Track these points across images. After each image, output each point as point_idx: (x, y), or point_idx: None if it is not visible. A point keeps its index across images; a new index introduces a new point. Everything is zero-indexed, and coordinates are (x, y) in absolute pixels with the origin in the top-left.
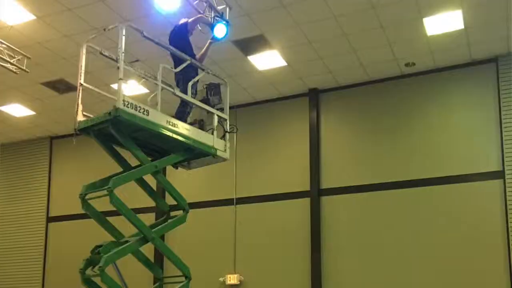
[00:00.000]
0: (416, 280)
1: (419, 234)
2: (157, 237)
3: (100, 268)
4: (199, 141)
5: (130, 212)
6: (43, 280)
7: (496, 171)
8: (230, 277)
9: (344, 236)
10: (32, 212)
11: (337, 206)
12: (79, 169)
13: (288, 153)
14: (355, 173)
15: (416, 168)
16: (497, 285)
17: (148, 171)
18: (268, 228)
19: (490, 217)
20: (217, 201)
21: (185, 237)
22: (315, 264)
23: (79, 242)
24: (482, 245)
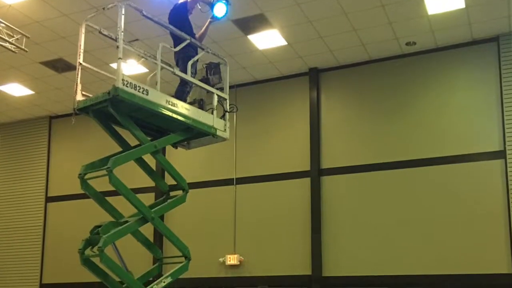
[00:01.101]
0: (417, 259)
1: (420, 214)
2: (157, 217)
3: (99, 249)
4: (199, 121)
5: (129, 192)
6: (42, 260)
7: (497, 151)
8: (230, 258)
9: (344, 216)
10: (31, 192)
11: (338, 186)
12: (78, 148)
13: (288, 133)
14: (356, 153)
15: (416, 147)
16: (498, 264)
17: (148, 151)
18: (268, 208)
19: (491, 197)
20: (217, 181)
21: (185, 217)
22: (316, 244)
23: (78, 222)
24: (483, 224)
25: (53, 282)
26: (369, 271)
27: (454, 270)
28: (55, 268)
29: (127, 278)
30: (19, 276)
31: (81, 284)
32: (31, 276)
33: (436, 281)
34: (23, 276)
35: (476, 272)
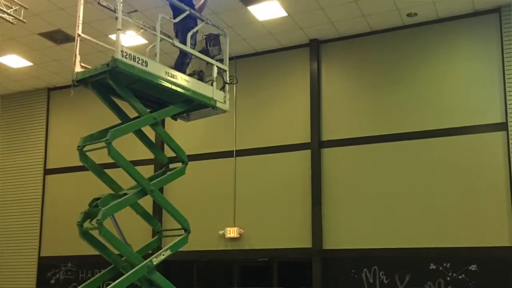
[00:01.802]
0: (418, 232)
1: (421, 187)
2: (156, 189)
3: (98, 221)
4: (199, 93)
5: (128, 164)
6: (40, 233)
7: (499, 123)
8: (230, 230)
9: (345, 188)
10: (29, 164)
11: (338, 158)
12: (77, 120)
13: (288, 105)
14: (356, 124)
15: (418, 119)
16: (500, 236)
17: (147, 123)
18: (268, 181)
19: (492, 169)
20: (217, 153)
21: (184, 189)
22: (316, 216)
23: (77, 195)
24: (485, 197)
25: (52, 255)
26: (369, 244)
27: (455, 243)
28: (54, 241)
29: (126, 251)
30: (18, 249)
31: (79, 257)
32: (30, 249)
33: (437, 254)
34: (21, 249)
35: (477, 245)
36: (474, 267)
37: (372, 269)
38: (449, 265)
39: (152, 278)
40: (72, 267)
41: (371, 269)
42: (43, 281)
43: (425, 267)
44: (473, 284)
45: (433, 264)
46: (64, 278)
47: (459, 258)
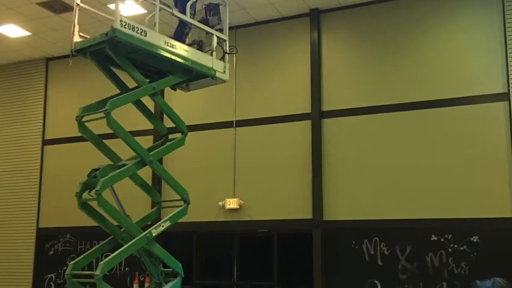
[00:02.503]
0: (419, 203)
1: (422, 157)
2: (155, 160)
3: (97, 192)
4: (198, 62)
5: (127, 135)
6: (39, 204)
7: (500, 93)
8: (230, 201)
9: (345, 159)
10: (28, 135)
11: (339, 128)
12: (76, 91)
13: (289, 75)
14: (357, 95)
15: (419, 90)
16: (501, 207)
17: (146, 93)
18: (268, 152)
19: (494, 140)
20: (216, 124)
21: (184, 160)
22: (316, 187)
23: (75, 166)
24: (487, 168)
25: (50, 226)
26: (370, 215)
27: (457, 214)
28: (52, 212)
29: (125, 222)
30: (16, 220)
31: (78, 228)
32: (28, 220)
33: (438, 225)
34: (19, 220)
35: (479, 216)
36: (475, 238)
37: (373, 241)
38: (450, 237)
39: (151, 249)
40: (71, 238)
41: (372, 240)
42: (41, 253)
43: (427, 238)
44: (474, 256)
45: (434, 236)
46: (62, 249)
47: (461, 229)
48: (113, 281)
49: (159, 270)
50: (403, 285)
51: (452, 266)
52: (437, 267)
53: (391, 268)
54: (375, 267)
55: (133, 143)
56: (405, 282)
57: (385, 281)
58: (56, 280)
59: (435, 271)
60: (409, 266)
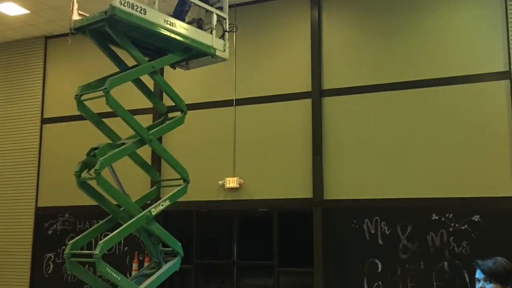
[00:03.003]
0: (420, 182)
1: (423, 136)
2: (155, 139)
3: (96, 171)
4: (198, 41)
5: (127, 113)
6: (38, 183)
7: (502, 71)
8: (230, 181)
9: (346, 138)
10: (26, 114)
11: (339, 107)
12: (75, 69)
13: (289, 53)
14: (358, 73)
15: (420, 68)
16: (503, 186)
17: (145, 71)
18: (268, 130)
19: (496, 118)
20: (216, 102)
21: (183, 139)
22: (317, 166)
23: (74, 145)
24: (488, 147)
25: (49, 205)
26: (371, 194)
27: (458, 193)
28: (51, 191)
29: (124, 201)
30: (14, 199)
31: (77, 207)
32: (26, 199)
33: (439, 204)
34: (18, 199)
35: (481, 195)
36: (477, 218)
37: (374, 220)
38: (451, 216)
39: (151, 228)
40: (70, 217)
41: (372, 219)
42: (40, 232)
43: (427, 217)
44: (476, 235)
45: (435, 215)
46: (61, 228)
47: (462, 209)
48: (112, 260)
49: (159, 249)
50: (404, 264)
51: (453, 246)
52: (438, 246)
53: (391, 247)
54: (375, 247)
55: (132, 121)
56: (406, 262)
57: (385, 261)
58: (55, 259)
59: (436, 251)
60: (410, 245)
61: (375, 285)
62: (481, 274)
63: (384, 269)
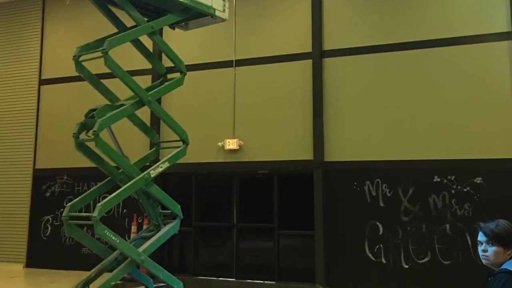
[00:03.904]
0: (422, 144)
1: (425, 97)
2: (154, 100)
3: (94, 133)
4: (197, 1)
5: (125, 74)
6: (35, 144)
7: (504, 32)
8: (229, 142)
9: (347, 99)
10: (24, 75)
11: (340, 68)
12: (73, 30)
13: (289, 13)
14: (359, 33)
15: (422, 28)
16: (505, 148)
17: (144, 32)
18: (268, 92)
19: (498, 79)
20: (216, 63)
21: (183, 100)
22: (317, 128)
23: (72, 106)
24: (490, 107)
25: (47, 167)
26: (372, 156)
27: (460, 155)
28: (49, 153)
29: (123, 163)
30: (12, 161)
31: (75, 169)
32: (24, 161)
33: (441, 166)
34: (16, 161)
35: (483, 157)
36: (479, 180)
37: (375, 182)
38: (453, 178)
39: (150, 190)
40: (68, 179)
41: (373, 181)
42: (38, 194)
43: (429, 179)
44: (478, 197)
45: (437, 177)
46: (59, 190)
47: (464, 171)
48: (111, 223)
49: (158, 212)
50: (405, 227)
51: (455, 208)
52: (440, 208)
53: (393, 209)
54: (377, 209)
55: (131, 83)
56: (407, 224)
57: (387, 223)
58: (53, 222)
59: (438, 213)
60: (412, 207)
61: (376, 247)
62: (483, 237)
63: (385, 231)
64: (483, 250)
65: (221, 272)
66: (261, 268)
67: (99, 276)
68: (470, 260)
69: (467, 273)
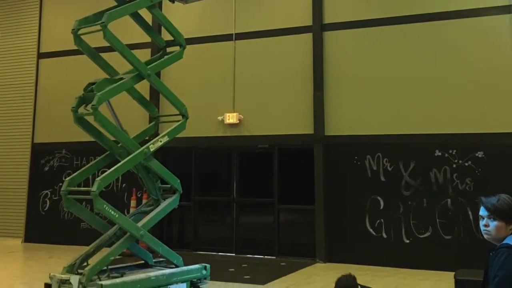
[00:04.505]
0: (423, 118)
1: (426, 71)
2: (153, 74)
3: (94, 107)
4: None
5: (124, 48)
6: (34, 119)
7: (505, 5)
8: (229, 116)
9: (347, 73)
10: (22, 48)
11: (341, 42)
12: (72, 3)
13: None
14: (360, 7)
15: (423, 2)
16: (507, 122)
17: (143, 5)
18: (269, 65)
19: (499, 52)
20: (216, 37)
21: (182, 74)
22: (317, 102)
23: (71, 80)
24: (491, 81)
25: (46, 142)
26: (373, 130)
27: (462, 129)
28: (48, 127)
29: (122, 137)
30: (10, 135)
31: (74, 143)
32: (23, 135)
33: (443, 140)
34: (14, 135)
35: (484, 131)
36: (480, 154)
37: (376, 156)
38: (455, 152)
39: (149, 165)
40: (67, 153)
41: (374, 156)
42: (36, 168)
43: (431, 154)
44: (479, 171)
45: (438, 151)
46: (58, 165)
47: (466, 145)
48: (110, 197)
49: (157, 186)
50: (406, 201)
51: (456, 182)
52: (441, 183)
53: (394, 184)
54: (377, 183)
55: (130, 56)
56: (408, 199)
57: (388, 198)
58: (51, 196)
59: (439, 187)
60: (413, 182)
61: (377, 222)
62: (485, 211)
63: (386, 206)
64: (484, 225)
65: (221, 247)
66: (261, 243)
67: (98, 251)
68: (471, 235)
69: (469, 248)
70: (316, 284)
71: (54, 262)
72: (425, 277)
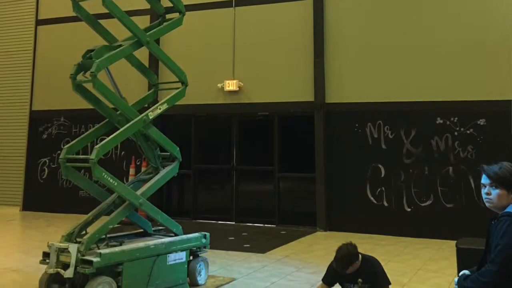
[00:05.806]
0: (424, 85)
1: (428, 38)
2: (152, 41)
3: (92, 74)
4: None
5: (123, 14)
6: (32, 86)
7: None
8: (229, 83)
9: (349, 40)
10: (20, 15)
11: (342, 7)
12: None
13: None
14: None
15: None
16: (509, 88)
17: None
18: (268, 32)
19: (500, 20)
20: (215, 3)
21: (182, 41)
22: (318, 69)
23: (70, 47)
24: (493, 48)
25: (44, 109)
26: (374, 98)
27: (463, 97)
28: (46, 95)
29: (121, 104)
30: (8, 102)
31: (73, 110)
32: (21, 103)
33: (444, 108)
34: (12, 102)
35: (486, 99)
36: (482, 122)
37: (377, 124)
38: (456, 120)
39: (148, 132)
40: (65, 121)
41: (375, 123)
42: (34, 136)
43: (432, 121)
44: (481, 139)
45: (440, 119)
46: (56, 132)
47: (467, 112)
48: (109, 165)
49: (156, 154)
50: (407, 169)
51: (458, 150)
52: (443, 151)
53: (395, 152)
54: (378, 151)
55: (129, 23)
56: (409, 167)
57: (389, 166)
58: (49, 164)
59: (441, 155)
60: (414, 150)
61: (378, 190)
62: (486, 180)
63: (387, 174)
64: (486, 193)
65: (220, 215)
66: (261, 211)
67: (97, 220)
68: (473, 203)
69: (470, 216)
70: (317, 253)
71: (53, 230)
72: (426, 245)
